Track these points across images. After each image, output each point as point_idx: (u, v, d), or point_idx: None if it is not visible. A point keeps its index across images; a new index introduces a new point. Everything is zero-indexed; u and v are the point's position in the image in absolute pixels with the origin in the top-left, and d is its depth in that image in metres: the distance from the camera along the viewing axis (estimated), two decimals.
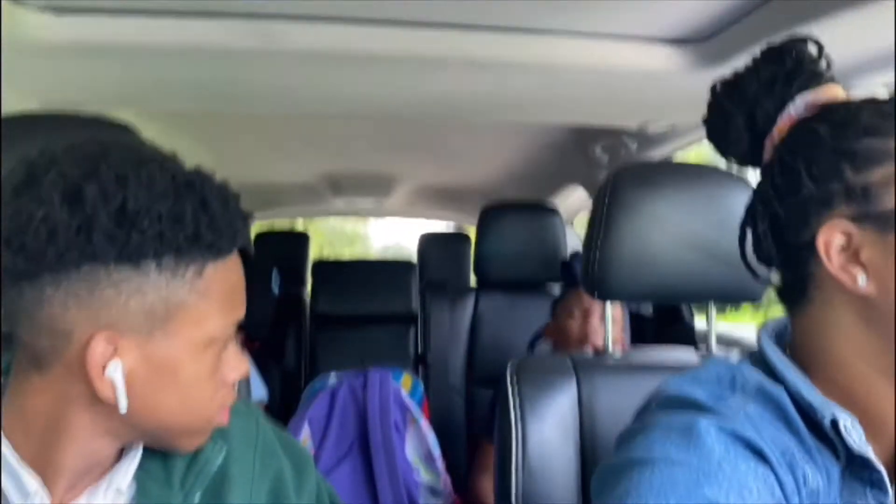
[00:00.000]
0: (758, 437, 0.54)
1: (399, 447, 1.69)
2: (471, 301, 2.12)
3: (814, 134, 0.58)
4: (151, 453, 0.64)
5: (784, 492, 0.53)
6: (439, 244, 3.21)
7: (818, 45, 0.62)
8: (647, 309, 2.22)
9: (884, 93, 1.21)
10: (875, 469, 0.54)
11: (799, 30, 1.01)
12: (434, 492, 1.69)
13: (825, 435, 0.55)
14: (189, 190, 0.55)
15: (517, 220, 2.15)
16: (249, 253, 0.62)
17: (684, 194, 1.02)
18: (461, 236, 3.18)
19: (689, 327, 2.02)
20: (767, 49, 0.63)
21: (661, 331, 2.13)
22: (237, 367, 0.63)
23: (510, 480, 0.95)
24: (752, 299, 1.02)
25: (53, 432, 0.57)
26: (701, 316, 1.98)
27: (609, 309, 1.12)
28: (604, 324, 1.60)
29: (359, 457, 1.69)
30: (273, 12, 1.14)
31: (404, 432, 1.73)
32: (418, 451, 1.72)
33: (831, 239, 0.55)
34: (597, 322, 1.64)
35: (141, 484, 0.63)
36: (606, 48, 1.23)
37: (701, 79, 1.27)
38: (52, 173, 0.53)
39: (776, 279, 0.63)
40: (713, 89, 0.66)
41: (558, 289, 2.04)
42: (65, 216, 0.51)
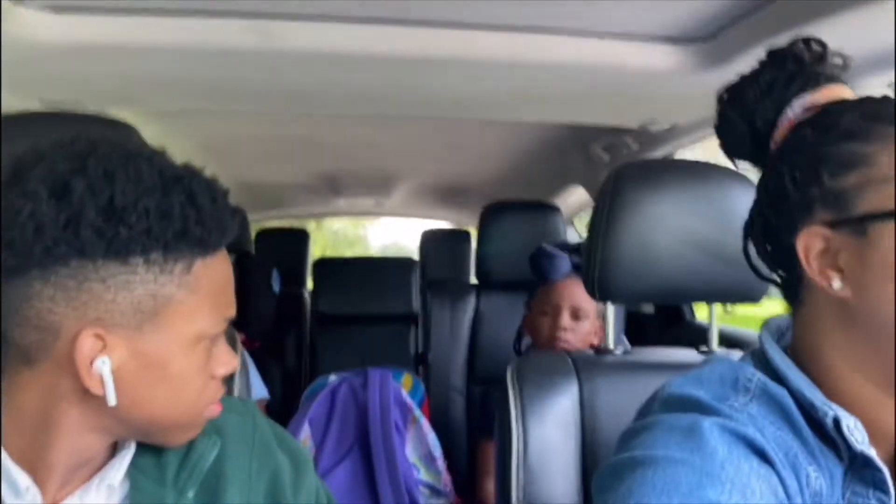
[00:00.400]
0: (761, 438, 0.54)
1: (399, 447, 1.68)
2: (472, 300, 2.12)
3: (800, 139, 0.58)
4: (144, 449, 0.64)
5: (787, 492, 0.53)
6: (441, 240, 3.21)
7: (822, 45, 0.61)
8: (647, 307, 2.22)
9: (885, 93, 1.21)
10: (877, 469, 0.54)
11: (799, 30, 1.01)
12: (434, 491, 1.69)
13: (828, 435, 0.55)
14: (177, 185, 0.55)
15: (518, 219, 2.14)
16: (250, 252, 0.62)
17: (687, 193, 1.01)
18: (462, 233, 3.18)
19: (691, 327, 2.02)
20: (769, 52, 0.63)
21: (662, 331, 2.12)
22: (227, 362, 0.63)
23: (511, 480, 0.95)
24: (755, 300, 1.02)
25: (43, 428, 0.57)
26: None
27: (610, 309, 1.12)
28: (577, 323, 1.59)
29: (359, 457, 1.68)
30: (273, 12, 1.14)
31: (405, 432, 1.72)
32: (418, 450, 1.71)
33: (811, 244, 0.55)
34: (566, 321, 1.56)
35: (134, 481, 0.62)
36: (607, 47, 1.23)
37: (702, 78, 1.27)
38: (40, 168, 0.53)
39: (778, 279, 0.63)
40: (719, 97, 0.66)
41: None
42: (52, 211, 0.51)
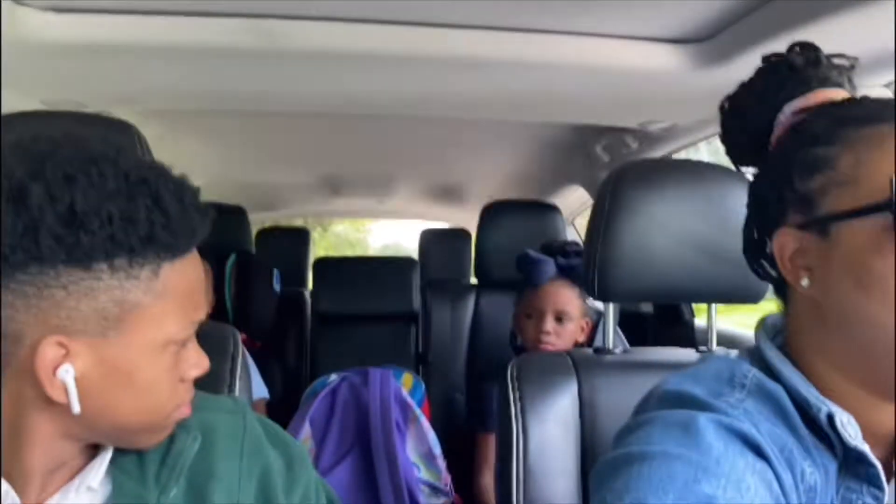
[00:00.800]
0: (756, 434, 0.54)
1: (400, 446, 1.68)
2: (472, 299, 2.12)
3: (779, 144, 0.60)
4: (126, 449, 0.63)
5: (782, 488, 0.53)
6: (440, 240, 3.21)
7: (815, 49, 0.62)
8: (646, 307, 2.22)
9: (885, 93, 1.21)
10: (871, 464, 0.54)
11: (799, 30, 1.01)
12: (435, 490, 1.69)
13: (822, 431, 0.56)
14: (143, 188, 0.53)
15: (518, 218, 2.15)
16: (250, 252, 0.61)
17: (686, 193, 1.01)
18: (462, 231, 3.19)
19: (690, 327, 2.02)
20: (764, 59, 0.65)
21: (661, 331, 2.13)
22: (197, 363, 0.62)
23: (511, 479, 0.95)
24: (754, 300, 1.02)
25: (15, 436, 0.57)
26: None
27: (611, 309, 1.12)
28: (561, 326, 1.59)
29: (360, 456, 1.68)
30: (274, 12, 1.14)
31: (405, 431, 1.72)
32: (419, 449, 1.72)
33: (785, 244, 0.58)
34: (549, 325, 1.57)
35: (116, 481, 0.62)
36: (607, 47, 1.23)
37: (702, 78, 1.27)
38: None
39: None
40: (721, 106, 0.68)
41: None
42: (9, 217, 0.50)
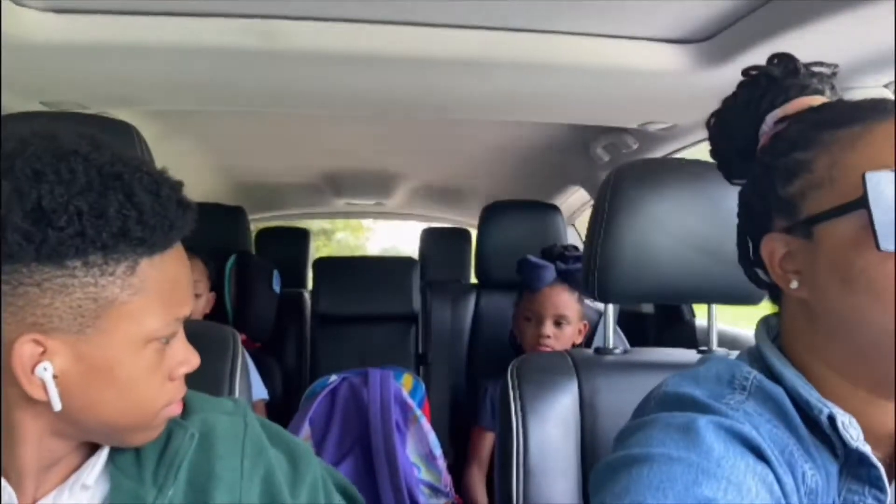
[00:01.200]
0: (757, 436, 0.54)
1: (400, 446, 1.68)
2: (472, 299, 2.12)
3: (762, 152, 0.62)
4: (123, 448, 0.63)
5: (783, 490, 0.53)
6: (440, 240, 3.21)
7: (792, 59, 0.64)
8: (647, 307, 2.22)
9: (885, 93, 1.20)
10: (873, 466, 0.54)
11: (799, 30, 1.01)
12: (435, 491, 1.69)
13: (823, 433, 0.55)
14: (115, 183, 0.53)
15: (518, 218, 2.15)
16: (250, 252, 0.61)
17: (686, 193, 1.01)
18: (462, 231, 3.19)
19: (690, 327, 2.02)
20: (742, 73, 0.66)
21: (661, 331, 2.12)
22: (185, 360, 0.62)
23: (511, 479, 0.95)
24: (754, 301, 1.01)
25: (7, 435, 0.57)
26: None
27: (611, 309, 1.12)
28: (560, 329, 1.59)
29: (360, 456, 1.69)
30: (273, 12, 1.14)
31: (405, 431, 1.72)
32: (419, 450, 1.72)
33: (774, 249, 0.59)
34: (548, 329, 1.59)
35: (114, 480, 0.62)
36: (607, 47, 1.23)
37: (702, 78, 1.27)
38: None
39: None
40: (707, 123, 0.69)
41: None
42: None
